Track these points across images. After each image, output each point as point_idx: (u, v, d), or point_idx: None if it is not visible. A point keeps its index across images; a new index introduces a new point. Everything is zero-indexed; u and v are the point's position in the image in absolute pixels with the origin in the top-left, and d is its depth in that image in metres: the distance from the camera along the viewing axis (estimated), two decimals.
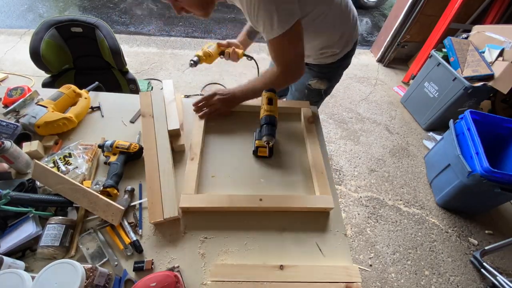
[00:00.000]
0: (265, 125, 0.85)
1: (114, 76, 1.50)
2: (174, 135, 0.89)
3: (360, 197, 1.88)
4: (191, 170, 0.81)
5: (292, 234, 0.75)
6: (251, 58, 1.13)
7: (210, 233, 0.73)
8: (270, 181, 0.86)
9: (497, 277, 1.47)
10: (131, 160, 0.85)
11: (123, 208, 0.71)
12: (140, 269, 0.65)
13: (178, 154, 0.89)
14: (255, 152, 0.90)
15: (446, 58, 2.17)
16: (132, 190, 0.78)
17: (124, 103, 1.04)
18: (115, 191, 0.76)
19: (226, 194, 0.78)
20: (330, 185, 0.84)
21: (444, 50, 2.21)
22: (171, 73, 2.61)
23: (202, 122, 0.95)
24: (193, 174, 0.80)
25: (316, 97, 1.18)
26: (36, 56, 1.26)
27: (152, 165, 0.80)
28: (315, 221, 0.78)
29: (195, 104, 0.98)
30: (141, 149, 0.85)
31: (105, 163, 0.82)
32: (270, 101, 0.88)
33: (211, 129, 0.98)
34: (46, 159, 0.81)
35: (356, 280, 0.66)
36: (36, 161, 0.75)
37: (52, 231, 0.65)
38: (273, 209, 0.78)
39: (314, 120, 1.00)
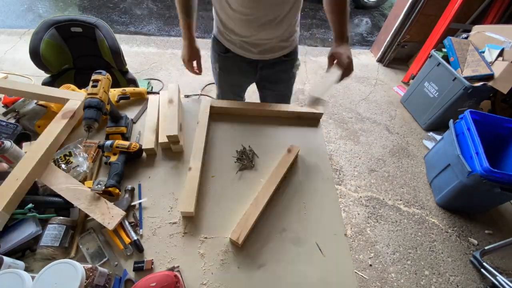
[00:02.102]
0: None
1: (114, 76, 1.49)
2: (172, 141, 0.87)
3: (360, 197, 1.88)
4: (191, 187, 0.78)
5: (292, 234, 0.75)
6: None
7: (210, 233, 0.73)
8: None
9: (497, 277, 1.47)
10: (131, 159, 0.85)
11: (124, 212, 0.71)
12: (140, 269, 0.65)
13: (176, 154, 0.89)
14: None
15: (446, 58, 2.17)
16: (133, 189, 0.78)
17: None
18: (117, 190, 0.76)
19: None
20: (329, 185, 0.85)
21: (444, 50, 2.21)
22: (171, 73, 2.61)
23: (204, 129, 0.93)
24: (193, 190, 0.77)
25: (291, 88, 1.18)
26: (36, 56, 1.26)
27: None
28: (314, 221, 0.79)
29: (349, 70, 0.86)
30: (141, 148, 0.85)
31: (106, 163, 0.82)
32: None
33: (213, 130, 0.98)
34: None
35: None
36: None
37: (53, 231, 0.65)
38: None
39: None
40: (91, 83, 0.79)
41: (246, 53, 1.01)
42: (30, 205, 0.67)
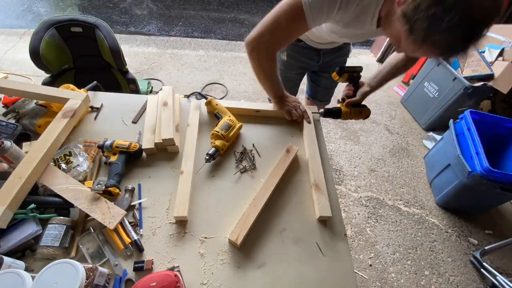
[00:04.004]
0: None
1: (114, 76, 1.49)
2: (168, 144, 0.88)
3: (360, 197, 1.88)
4: (183, 191, 0.77)
5: (292, 234, 0.75)
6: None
7: (210, 233, 0.73)
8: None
9: (497, 277, 1.47)
10: (131, 159, 0.85)
11: (125, 212, 0.71)
12: (140, 269, 0.65)
13: (176, 154, 0.89)
14: None
15: None
16: (133, 189, 0.78)
17: (124, 103, 1.04)
18: (117, 190, 0.76)
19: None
20: (330, 186, 0.84)
21: None
22: (171, 73, 2.61)
23: (195, 131, 0.92)
24: (185, 194, 0.77)
25: None
26: (35, 56, 1.26)
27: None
28: (314, 221, 0.78)
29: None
30: (140, 148, 0.85)
31: (105, 163, 0.82)
32: None
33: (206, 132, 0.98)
34: None
35: None
36: None
37: (53, 231, 0.65)
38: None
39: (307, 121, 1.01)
40: None
41: (315, 44, 1.14)
42: (32, 206, 0.67)
